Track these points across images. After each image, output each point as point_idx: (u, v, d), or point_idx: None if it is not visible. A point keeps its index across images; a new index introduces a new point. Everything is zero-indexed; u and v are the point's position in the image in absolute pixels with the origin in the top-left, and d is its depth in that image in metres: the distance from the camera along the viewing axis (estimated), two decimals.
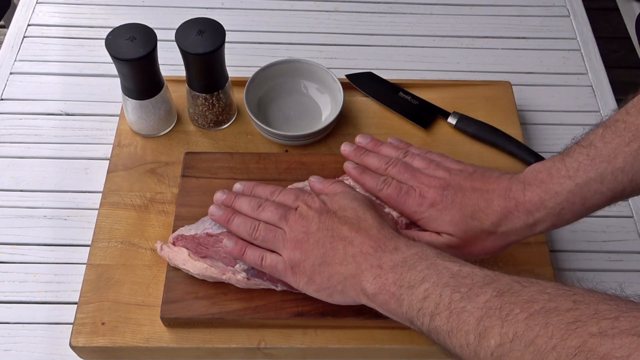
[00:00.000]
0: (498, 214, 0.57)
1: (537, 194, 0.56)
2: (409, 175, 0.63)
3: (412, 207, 0.61)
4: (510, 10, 1.02)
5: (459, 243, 0.59)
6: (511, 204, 0.57)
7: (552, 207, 0.55)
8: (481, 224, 0.58)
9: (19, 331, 0.68)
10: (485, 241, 0.59)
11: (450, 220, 0.59)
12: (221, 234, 0.64)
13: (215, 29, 0.71)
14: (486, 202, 0.58)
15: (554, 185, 0.55)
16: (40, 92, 0.88)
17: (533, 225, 0.57)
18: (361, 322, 0.64)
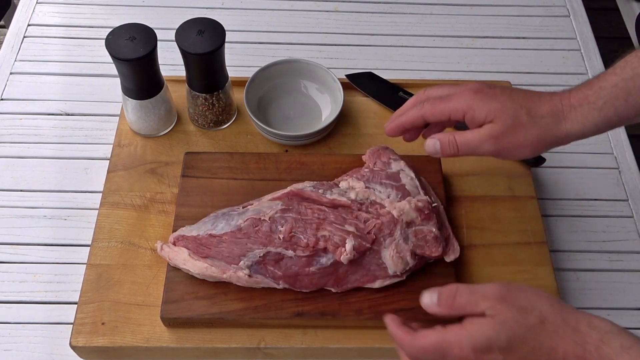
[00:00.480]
0: (546, 106, 0.57)
1: (582, 91, 0.57)
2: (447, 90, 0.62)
3: (461, 96, 0.60)
4: (510, 10, 1.02)
5: (501, 130, 0.58)
6: (556, 102, 0.57)
7: (594, 102, 0.56)
8: (530, 114, 0.57)
9: (19, 331, 0.68)
10: (527, 132, 0.57)
11: (499, 105, 0.58)
12: (224, 234, 0.64)
13: (215, 29, 0.71)
14: (535, 97, 0.58)
15: (599, 82, 0.56)
16: (40, 92, 0.88)
17: (575, 120, 0.57)
18: (361, 322, 0.64)
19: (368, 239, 0.63)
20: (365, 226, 0.64)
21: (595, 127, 0.57)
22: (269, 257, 0.63)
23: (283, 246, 0.62)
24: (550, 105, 0.57)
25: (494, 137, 0.58)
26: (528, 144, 0.58)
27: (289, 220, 0.63)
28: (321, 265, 0.62)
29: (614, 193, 0.81)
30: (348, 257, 0.62)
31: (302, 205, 0.65)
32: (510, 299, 0.48)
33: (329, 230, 0.63)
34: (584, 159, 0.84)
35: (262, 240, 0.63)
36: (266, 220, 0.63)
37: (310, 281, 0.63)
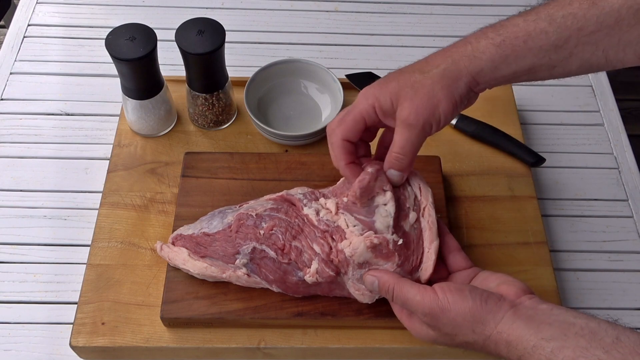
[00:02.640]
0: (436, 57, 0.57)
1: (481, 30, 0.55)
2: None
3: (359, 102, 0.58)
4: (510, 10, 1.00)
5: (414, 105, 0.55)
6: (450, 48, 0.56)
7: (492, 38, 0.54)
8: (423, 72, 0.56)
9: (19, 331, 0.68)
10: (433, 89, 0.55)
11: (395, 85, 0.56)
12: (217, 233, 0.64)
13: (215, 29, 0.71)
14: (424, 60, 0.57)
15: (501, 22, 0.55)
16: (40, 92, 0.88)
17: (471, 56, 0.55)
18: (361, 322, 0.64)
19: (332, 268, 0.60)
20: (329, 253, 0.60)
21: (493, 64, 0.54)
22: (257, 255, 0.62)
23: (265, 243, 0.62)
24: (442, 54, 0.56)
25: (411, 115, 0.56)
26: (440, 99, 0.55)
27: (274, 219, 0.63)
28: (299, 277, 0.61)
29: (614, 193, 0.81)
30: (312, 279, 0.60)
31: (290, 208, 0.64)
32: (436, 325, 0.54)
33: (302, 243, 0.61)
34: (584, 159, 0.85)
35: (249, 235, 0.62)
36: (252, 216, 0.63)
37: (297, 289, 0.62)
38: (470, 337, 0.52)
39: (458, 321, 0.52)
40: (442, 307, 0.53)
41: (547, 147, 0.85)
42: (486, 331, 0.51)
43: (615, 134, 0.87)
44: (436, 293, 0.54)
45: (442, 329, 0.54)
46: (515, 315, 0.51)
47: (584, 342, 0.46)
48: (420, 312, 0.54)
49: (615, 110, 0.90)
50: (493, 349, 0.51)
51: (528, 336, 0.49)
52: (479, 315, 0.52)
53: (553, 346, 0.47)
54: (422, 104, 0.55)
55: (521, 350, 0.49)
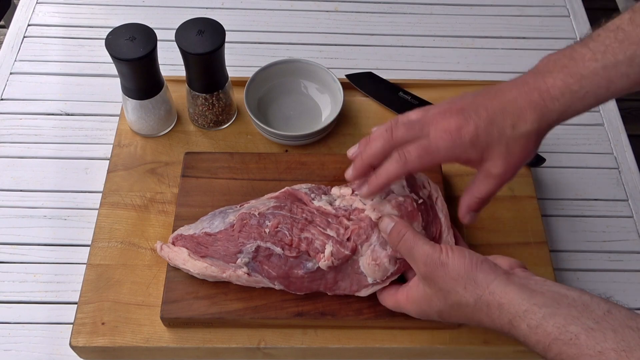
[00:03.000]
0: (527, 110, 0.54)
1: (560, 79, 0.53)
2: (417, 127, 0.57)
3: (446, 148, 0.56)
4: (510, 10, 1.02)
5: (505, 161, 0.56)
6: (535, 96, 0.54)
7: (576, 91, 0.53)
8: (518, 129, 0.55)
9: (19, 331, 0.68)
10: (526, 145, 0.55)
11: (488, 139, 0.55)
12: (219, 232, 0.64)
13: (215, 29, 0.71)
14: (510, 103, 0.55)
15: (579, 69, 0.53)
16: (40, 92, 0.88)
17: (560, 111, 0.54)
18: (361, 322, 0.64)
19: (347, 246, 0.61)
20: (345, 232, 0.61)
21: (576, 113, 0.55)
22: (261, 253, 0.62)
23: (271, 241, 0.62)
24: (531, 105, 0.54)
25: (505, 173, 0.57)
26: (530, 154, 0.57)
27: (277, 216, 0.63)
28: (307, 269, 0.61)
29: (614, 193, 0.81)
30: (326, 263, 0.60)
31: (294, 205, 0.64)
32: (432, 278, 0.55)
33: (312, 233, 0.61)
34: (584, 159, 0.84)
35: (253, 235, 0.62)
36: (255, 215, 0.63)
37: (301, 284, 0.62)
38: (462, 296, 0.53)
39: (452, 276, 0.53)
40: (442, 261, 0.54)
41: (547, 147, 0.85)
42: (478, 290, 0.52)
43: (615, 134, 0.87)
44: (441, 249, 0.55)
45: (438, 282, 0.54)
46: (509, 280, 0.51)
47: (576, 312, 0.47)
48: (422, 261, 0.55)
49: (615, 110, 0.90)
50: (485, 311, 0.52)
51: (520, 300, 0.49)
52: (472, 273, 0.53)
53: (545, 312, 0.48)
54: (517, 162, 0.56)
55: (512, 313, 0.49)
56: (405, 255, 0.58)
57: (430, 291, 0.55)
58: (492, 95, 0.56)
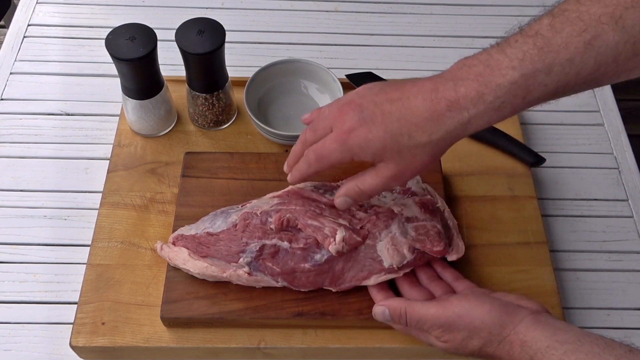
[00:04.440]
0: (428, 121, 0.51)
1: (474, 88, 0.49)
2: (321, 126, 0.57)
3: (337, 150, 0.55)
4: (510, 10, 1.02)
5: (397, 167, 0.54)
6: (441, 105, 0.50)
7: (491, 102, 0.49)
8: (413, 139, 0.52)
9: (19, 331, 0.68)
10: (422, 156, 0.53)
11: (379, 146, 0.53)
12: (221, 232, 0.64)
13: (215, 29, 0.71)
14: (411, 111, 0.51)
15: (495, 78, 0.49)
16: (40, 92, 0.88)
17: (467, 124, 0.51)
18: (361, 322, 0.64)
19: (360, 234, 0.62)
20: (358, 221, 0.64)
21: (487, 124, 0.51)
22: (266, 251, 0.62)
23: (277, 237, 0.62)
24: (433, 116, 0.51)
25: (395, 176, 0.55)
26: (426, 165, 0.54)
27: (280, 210, 0.63)
28: (315, 261, 0.62)
29: (614, 193, 0.81)
30: (336, 248, 0.61)
31: (299, 201, 0.65)
32: (452, 330, 0.54)
33: (321, 222, 0.62)
34: (584, 159, 0.84)
35: (257, 234, 0.63)
36: (257, 214, 0.63)
37: (307, 279, 0.63)
38: (485, 340, 0.53)
39: (475, 324, 0.53)
40: (459, 313, 0.54)
41: (547, 147, 0.85)
42: (504, 332, 0.52)
43: (615, 134, 0.87)
44: (451, 302, 0.55)
45: (457, 336, 0.54)
46: (535, 320, 0.52)
47: (597, 349, 0.47)
48: (436, 325, 0.55)
49: (615, 110, 0.90)
50: (506, 349, 0.52)
51: (543, 337, 0.49)
52: (498, 318, 0.53)
53: (566, 348, 0.48)
54: (409, 170, 0.54)
55: (534, 349, 0.50)
56: (417, 327, 0.57)
57: (448, 346, 0.56)
58: (395, 96, 0.53)
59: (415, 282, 0.63)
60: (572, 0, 0.49)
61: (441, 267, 0.65)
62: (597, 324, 0.71)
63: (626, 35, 0.46)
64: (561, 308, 0.68)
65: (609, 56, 0.47)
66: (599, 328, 0.71)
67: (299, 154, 0.62)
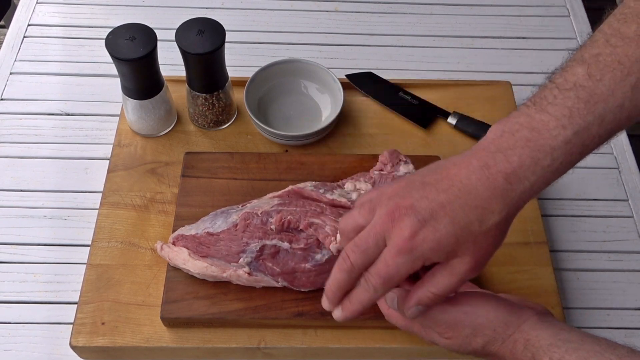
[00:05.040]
0: (492, 199, 0.47)
1: (527, 155, 0.46)
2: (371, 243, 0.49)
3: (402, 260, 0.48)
4: (510, 10, 1.02)
5: (474, 259, 0.48)
6: (499, 181, 0.47)
7: (549, 165, 0.47)
8: (484, 223, 0.47)
9: (19, 331, 0.68)
10: (495, 237, 0.48)
11: (452, 242, 0.47)
12: (222, 232, 0.64)
13: (215, 29, 0.71)
14: (471, 195, 0.47)
15: (547, 140, 0.46)
16: (40, 92, 0.88)
17: (530, 190, 0.48)
18: (361, 322, 0.64)
19: None
20: None
21: (548, 184, 0.49)
22: (266, 251, 0.62)
23: (278, 237, 0.62)
24: (495, 193, 0.47)
25: (472, 269, 0.49)
26: (499, 242, 0.50)
27: (281, 211, 0.63)
28: (316, 262, 0.62)
29: (614, 193, 0.81)
30: (337, 246, 0.61)
31: (299, 201, 0.65)
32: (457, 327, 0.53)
33: (322, 220, 0.62)
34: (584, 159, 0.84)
35: (257, 234, 0.63)
36: (258, 215, 0.63)
37: (307, 279, 0.63)
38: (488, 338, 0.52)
39: (480, 322, 0.53)
40: (464, 311, 0.53)
41: None
42: (508, 331, 0.52)
43: None
44: (457, 299, 0.54)
45: (461, 333, 0.54)
46: (540, 320, 0.51)
47: (599, 348, 0.47)
48: (440, 320, 0.54)
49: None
50: (509, 349, 0.52)
51: (546, 336, 0.49)
52: (503, 316, 0.52)
53: (568, 347, 0.48)
54: (486, 256, 0.49)
55: (537, 347, 0.50)
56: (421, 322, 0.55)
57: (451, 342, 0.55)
58: (445, 185, 0.48)
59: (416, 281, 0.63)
60: (600, 43, 0.47)
61: None
62: (597, 324, 0.71)
63: None
64: (561, 308, 0.68)
65: None
66: (599, 328, 0.71)
67: (345, 285, 0.52)
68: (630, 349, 0.47)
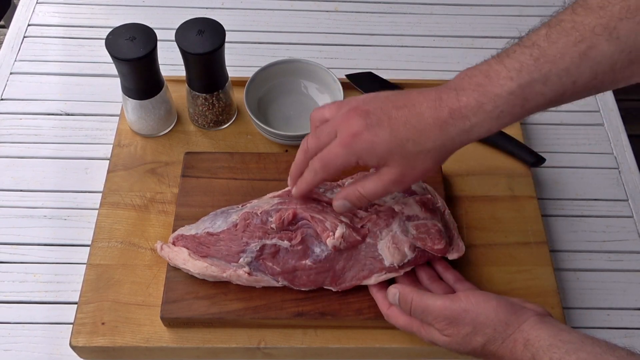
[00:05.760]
0: (433, 127, 0.52)
1: (474, 98, 0.51)
2: (325, 132, 0.57)
3: (343, 154, 0.55)
4: (510, 10, 1.02)
5: (401, 172, 0.55)
6: (444, 113, 0.52)
7: (490, 111, 0.51)
8: (418, 145, 0.53)
9: (19, 331, 0.68)
10: (426, 161, 0.54)
11: (385, 149, 0.54)
12: (222, 232, 0.64)
13: (215, 29, 0.71)
14: (416, 117, 0.53)
15: (494, 88, 0.51)
16: (40, 92, 0.88)
17: (469, 131, 0.52)
18: (361, 322, 0.64)
19: (360, 232, 0.63)
20: (359, 220, 0.64)
21: (489, 132, 0.53)
22: (266, 251, 0.62)
23: (278, 236, 0.62)
24: (437, 122, 0.52)
25: (397, 180, 0.55)
26: (429, 170, 0.56)
27: (281, 210, 0.63)
28: (316, 257, 0.62)
29: (614, 193, 0.81)
30: (333, 242, 0.61)
31: (299, 200, 0.65)
32: (457, 324, 0.55)
33: (323, 216, 0.62)
34: (584, 159, 0.84)
35: (257, 234, 0.63)
36: (257, 214, 0.63)
37: (308, 278, 0.63)
38: (488, 337, 0.53)
39: (480, 320, 0.53)
40: (465, 308, 0.54)
41: (547, 147, 0.85)
42: (508, 330, 0.52)
43: (615, 134, 0.87)
44: (458, 297, 0.55)
45: (461, 330, 0.54)
46: (540, 320, 0.52)
47: (599, 350, 0.48)
48: (440, 317, 0.55)
49: (615, 110, 0.90)
50: (509, 348, 0.52)
51: (546, 336, 0.50)
52: (503, 315, 0.53)
53: (568, 347, 0.48)
54: (413, 175, 0.55)
55: (537, 347, 0.50)
56: (422, 318, 0.58)
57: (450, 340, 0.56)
58: (401, 103, 0.54)
59: (415, 282, 0.63)
60: (568, 10, 0.50)
61: (443, 267, 0.65)
62: (597, 324, 0.71)
63: (621, 45, 0.47)
64: (561, 308, 0.68)
65: (605, 65, 0.48)
66: (599, 328, 0.71)
67: (301, 165, 0.61)
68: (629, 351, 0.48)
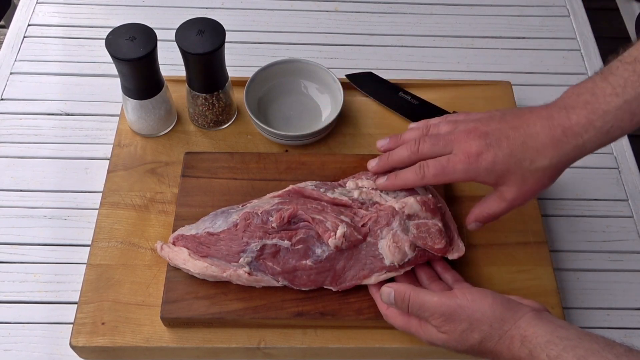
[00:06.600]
0: (548, 146, 0.56)
1: (584, 116, 0.55)
2: (442, 143, 0.61)
3: (462, 170, 0.59)
4: (510, 10, 1.02)
5: (520, 190, 0.59)
6: (558, 132, 0.56)
7: (600, 127, 0.54)
8: (535, 163, 0.57)
9: (19, 331, 0.68)
10: (542, 179, 0.58)
11: (504, 169, 0.58)
12: (222, 232, 0.64)
13: (215, 29, 0.71)
14: (532, 137, 0.57)
15: (601, 105, 0.54)
16: (40, 92, 0.88)
17: (582, 147, 0.56)
18: (361, 322, 0.64)
19: (361, 231, 0.63)
20: (360, 219, 0.64)
21: (601, 146, 0.57)
22: (267, 251, 0.62)
23: (278, 236, 0.62)
24: (552, 141, 0.56)
25: (518, 198, 0.60)
26: (545, 186, 0.59)
27: (281, 209, 0.63)
28: (317, 257, 0.62)
29: (614, 193, 0.81)
30: (335, 242, 0.61)
31: (300, 200, 0.65)
32: (453, 320, 0.55)
33: (323, 216, 0.63)
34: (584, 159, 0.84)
35: (258, 234, 0.63)
36: (258, 214, 0.63)
37: (308, 278, 0.63)
38: (485, 334, 0.53)
39: (476, 317, 0.54)
40: (461, 304, 0.55)
41: None
42: (505, 327, 0.53)
43: None
44: (454, 293, 0.56)
45: (458, 327, 0.54)
46: (536, 317, 0.52)
47: (597, 346, 0.48)
48: (437, 313, 0.56)
49: None
50: (507, 344, 0.52)
51: (543, 333, 0.50)
52: (500, 312, 0.53)
53: (566, 344, 0.48)
54: (530, 192, 0.59)
55: (534, 344, 0.50)
56: (419, 314, 0.58)
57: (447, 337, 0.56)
58: (516, 124, 0.58)
59: (415, 282, 0.63)
60: None
61: (442, 268, 0.65)
62: (597, 324, 0.71)
63: None
64: (561, 308, 0.68)
65: None
66: (599, 328, 0.71)
67: (402, 161, 0.64)
68: (627, 347, 0.48)
